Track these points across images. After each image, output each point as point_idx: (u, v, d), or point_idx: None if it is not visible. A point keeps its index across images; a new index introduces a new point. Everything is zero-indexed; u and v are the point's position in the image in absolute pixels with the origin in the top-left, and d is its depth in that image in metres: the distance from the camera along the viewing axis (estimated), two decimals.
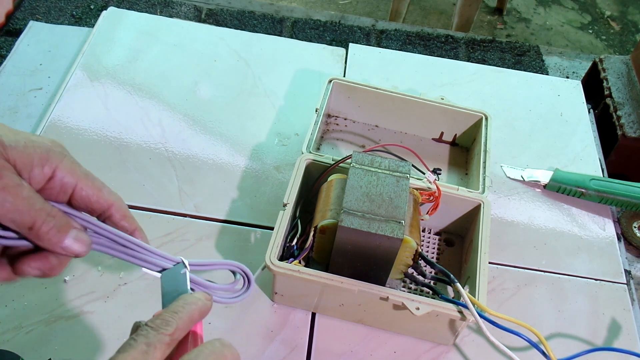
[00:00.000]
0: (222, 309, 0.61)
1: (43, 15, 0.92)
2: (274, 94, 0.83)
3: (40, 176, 0.38)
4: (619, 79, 0.93)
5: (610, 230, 0.75)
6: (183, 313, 0.38)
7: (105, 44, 0.85)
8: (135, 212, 0.68)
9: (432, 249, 0.69)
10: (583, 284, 0.69)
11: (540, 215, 0.75)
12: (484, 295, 0.57)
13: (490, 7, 2.34)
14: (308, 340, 0.61)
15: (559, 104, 0.89)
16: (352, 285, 0.56)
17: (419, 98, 0.76)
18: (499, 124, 0.83)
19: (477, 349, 0.62)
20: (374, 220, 0.54)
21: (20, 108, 0.77)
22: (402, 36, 1.00)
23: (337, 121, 0.80)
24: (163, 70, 0.84)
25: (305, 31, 0.98)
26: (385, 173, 0.58)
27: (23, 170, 0.37)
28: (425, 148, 0.79)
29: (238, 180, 0.73)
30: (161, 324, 0.37)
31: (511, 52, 1.01)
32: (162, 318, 0.37)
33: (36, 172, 0.38)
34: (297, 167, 0.65)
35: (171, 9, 0.97)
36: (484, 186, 0.67)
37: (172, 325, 0.37)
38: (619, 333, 0.65)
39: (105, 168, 0.71)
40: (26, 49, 0.85)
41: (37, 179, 0.38)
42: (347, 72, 0.88)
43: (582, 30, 2.28)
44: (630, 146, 0.86)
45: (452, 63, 0.92)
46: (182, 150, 0.75)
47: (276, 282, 0.60)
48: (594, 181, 0.75)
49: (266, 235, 0.68)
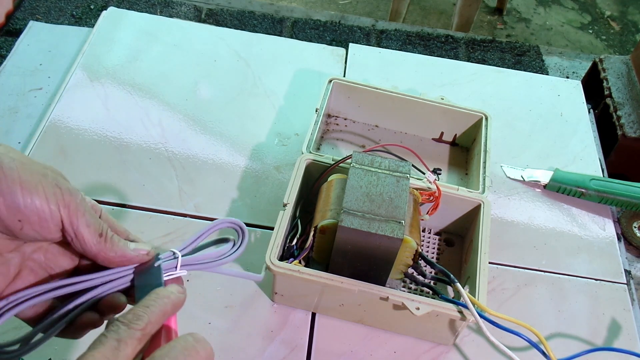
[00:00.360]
0: (222, 309, 0.61)
1: (43, 15, 0.92)
2: (274, 94, 0.83)
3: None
4: (619, 79, 0.93)
5: (610, 230, 0.75)
6: (155, 307, 0.38)
7: (105, 44, 0.85)
8: (135, 212, 0.68)
9: (432, 249, 0.69)
10: (583, 284, 0.69)
11: (540, 215, 0.75)
12: (484, 295, 0.57)
13: (490, 7, 2.34)
14: (308, 340, 0.61)
15: (559, 104, 0.89)
16: (352, 285, 0.56)
17: (419, 98, 0.76)
18: (499, 124, 0.83)
19: (477, 349, 0.62)
20: (374, 220, 0.54)
21: (20, 108, 0.77)
22: (402, 36, 1.00)
23: (337, 121, 0.80)
24: (163, 70, 0.84)
25: (305, 31, 0.98)
26: (385, 173, 0.58)
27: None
28: (425, 148, 0.79)
29: (238, 180, 0.73)
30: (132, 318, 0.37)
31: (511, 52, 1.01)
32: (134, 312, 0.37)
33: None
34: (297, 167, 0.65)
35: (171, 9, 0.97)
36: (484, 186, 0.67)
37: (144, 319, 0.37)
38: (619, 333, 0.65)
39: (105, 168, 0.71)
40: (26, 49, 0.85)
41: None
42: (347, 72, 0.88)
43: (582, 30, 2.28)
44: (630, 146, 0.86)
45: (452, 63, 0.92)
46: (182, 150, 0.75)
47: (276, 282, 0.60)
48: (594, 181, 0.75)
49: (266, 235, 0.68)
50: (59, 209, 0.38)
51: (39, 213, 0.37)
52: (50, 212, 0.37)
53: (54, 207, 0.37)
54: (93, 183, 0.70)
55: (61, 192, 0.38)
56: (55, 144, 0.73)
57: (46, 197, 0.37)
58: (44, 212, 0.37)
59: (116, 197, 0.69)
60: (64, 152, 0.72)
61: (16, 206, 0.36)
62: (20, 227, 0.37)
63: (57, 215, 0.38)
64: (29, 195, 0.37)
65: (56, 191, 0.38)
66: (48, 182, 0.38)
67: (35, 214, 0.37)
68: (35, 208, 0.37)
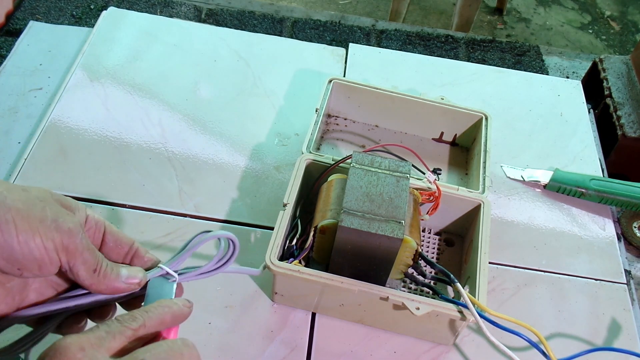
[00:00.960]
0: (222, 309, 0.61)
1: (43, 15, 0.92)
2: (274, 94, 0.83)
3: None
4: (619, 79, 0.93)
5: (610, 230, 0.75)
6: (153, 313, 0.39)
7: (105, 44, 0.85)
8: (135, 212, 0.68)
9: (432, 249, 0.69)
10: (583, 284, 0.69)
11: (540, 215, 0.75)
12: (484, 295, 0.57)
13: (490, 7, 2.34)
14: (308, 340, 0.61)
15: (559, 104, 0.89)
16: (352, 285, 0.56)
17: (419, 98, 0.76)
18: (499, 124, 0.83)
19: (477, 349, 0.62)
20: (374, 220, 0.54)
21: (20, 108, 0.77)
22: (402, 36, 1.00)
23: (337, 121, 0.80)
24: (163, 70, 0.84)
25: (305, 31, 0.98)
26: (385, 173, 0.58)
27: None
28: (425, 148, 0.79)
29: (238, 180, 0.73)
30: (128, 318, 0.38)
31: (511, 52, 1.01)
32: (132, 314, 0.38)
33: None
34: (297, 167, 0.65)
35: (171, 9, 0.97)
36: (484, 186, 0.67)
37: (138, 321, 0.38)
38: (619, 333, 0.65)
39: (105, 168, 0.71)
40: (26, 49, 0.85)
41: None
42: (347, 72, 0.88)
43: (582, 30, 2.28)
44: (630, 146, 0.86)
45: (452, 63, 0.92)
46: (182, 150, 0.75)
47: (276, 282, 0.60)
48: (594, 181, 0.75)
49: (266, 235, 0.68)
50: (57, 254, 0.38)
51: (38, 262, 0.37)
52: (50, 259, 0.38)
53: (53, 255, 0.37)
54: (93, 183, 0.70)
55: (60, 236, 0.38)
56: (55, 144, 0.73)
57: (44, 247, 0.37)
58: (43, 260, 0.37)
59: (116, 197, 0.69)
60: (64, 152, 0.72)
61: (14, 259, 0.36)
62: (20, 273, 0.37)
63: (56, 259, 0.38)
64: (27, 247, 0.36)
65: (55, 236, 0.37)
66: (46, 227, 0.37)
67: (34, 263, 0.37)
68: (34, 258, 0.37)
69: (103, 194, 0.69)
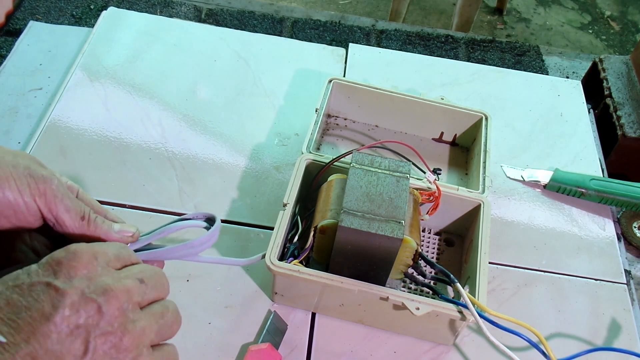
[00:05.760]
0: (222, 309, 0.61)
1: (43, 15, 0.92)
2: (274, 94, 0.83)
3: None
4: (619, 79, 0.93)
5: (610, 230, 0.75)
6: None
7: (105, 44, 0.85)
8: (135, 212, 0.68)
9: (432, 249, 0.69)
10: (583, 284, 0.69)
11: (540, 215, 0.75)
12: (484, 295, 0.57)
13: (490, 7, 2.34)
14: (308, 340, 0.61)
15: (559, 104, 0.89)
16: (352, 285, 0.56)
17: (419, 98, 0.76)
18: (499, 124, 0.83)
19: (477, 349, 0.62)
20: (374, 220, 0.54)
21: (20, 108, 0.77)
22: (402, 36, 1.00)
23: (337, 121, 0.80)
24: (163, 70, 0.84)
25: (305, 31, 0.98)
26: (385, 173, 0.58)
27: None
28: (425, 148, 0.79)
29: (238, 180, 0.73)
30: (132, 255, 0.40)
31: (511, 52, 1.01)
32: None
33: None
34: (297, 167, 0.65)
35: (171, 9, 0.97)
36: (484, 186, 0.67)
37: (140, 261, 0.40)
38: (619, 333, 0.65)
39: (105, 168, 0.71)
40: (26, 49, 0.85)
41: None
42: (347, 72, 0.88)
43: (582, 30, 2.28)
44: (630, 146, 0.86)
45: (452, 63, 0.92)
46: (182, 150, 0.75)
47: (276, 282, 0.60)
48: (594, 181, 0.75)
49: (266, 235, 0.68)
50: (34, 199, 0.37)
51: (13, 206, 0.36)
52: (26, 204, 0.37)
53: (28, 199, 0.37)
54: (93, 183, 0.70)
55: (34, 181, 0.37)
56: (55, 144, 0.73)
57: (18, 189, 0.36)
58: (18, 205, 0.36)
59: (116, 197, 0.69)
60: (64, 152, 0.72)
61: None
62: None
63: (33, 205, 0.37)
64: (0, 190, 0.36)
65: (29, 181, 0.37)
66: (19, 172, 0.36)
67: (10, 208, 0.36)
68: (9, 202, 0.36)
69: (103, 194, 0.69)
